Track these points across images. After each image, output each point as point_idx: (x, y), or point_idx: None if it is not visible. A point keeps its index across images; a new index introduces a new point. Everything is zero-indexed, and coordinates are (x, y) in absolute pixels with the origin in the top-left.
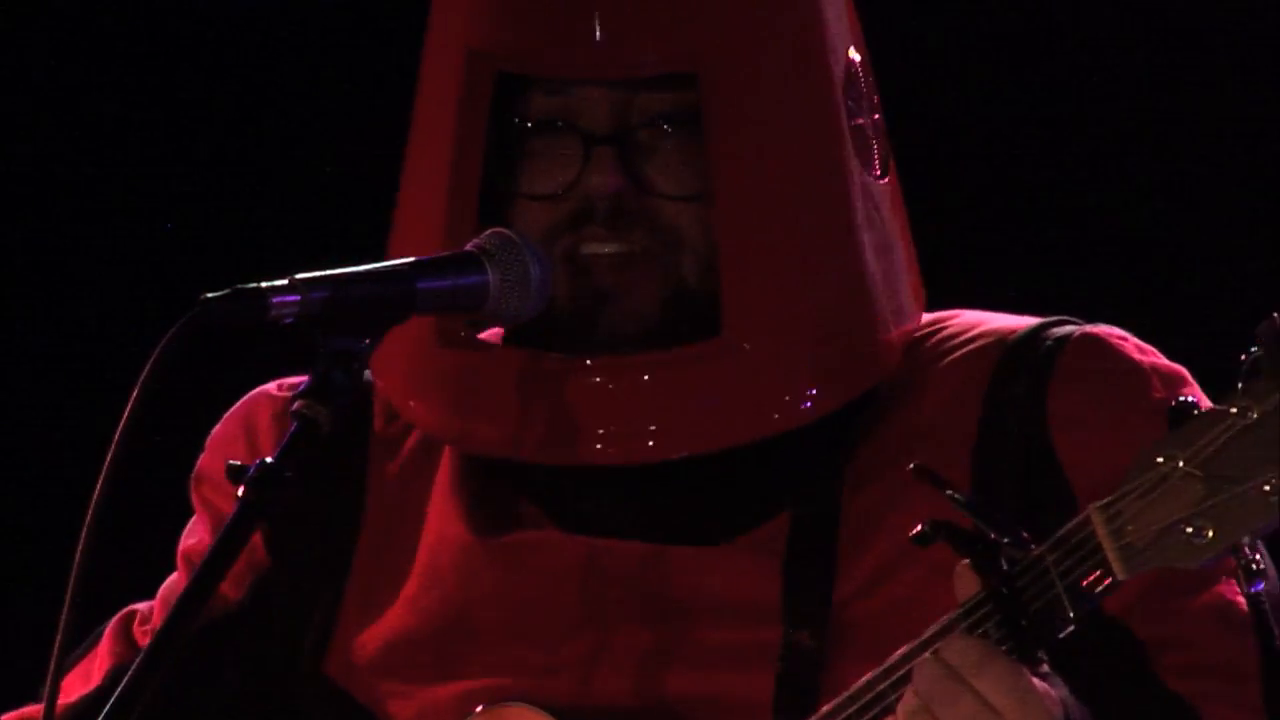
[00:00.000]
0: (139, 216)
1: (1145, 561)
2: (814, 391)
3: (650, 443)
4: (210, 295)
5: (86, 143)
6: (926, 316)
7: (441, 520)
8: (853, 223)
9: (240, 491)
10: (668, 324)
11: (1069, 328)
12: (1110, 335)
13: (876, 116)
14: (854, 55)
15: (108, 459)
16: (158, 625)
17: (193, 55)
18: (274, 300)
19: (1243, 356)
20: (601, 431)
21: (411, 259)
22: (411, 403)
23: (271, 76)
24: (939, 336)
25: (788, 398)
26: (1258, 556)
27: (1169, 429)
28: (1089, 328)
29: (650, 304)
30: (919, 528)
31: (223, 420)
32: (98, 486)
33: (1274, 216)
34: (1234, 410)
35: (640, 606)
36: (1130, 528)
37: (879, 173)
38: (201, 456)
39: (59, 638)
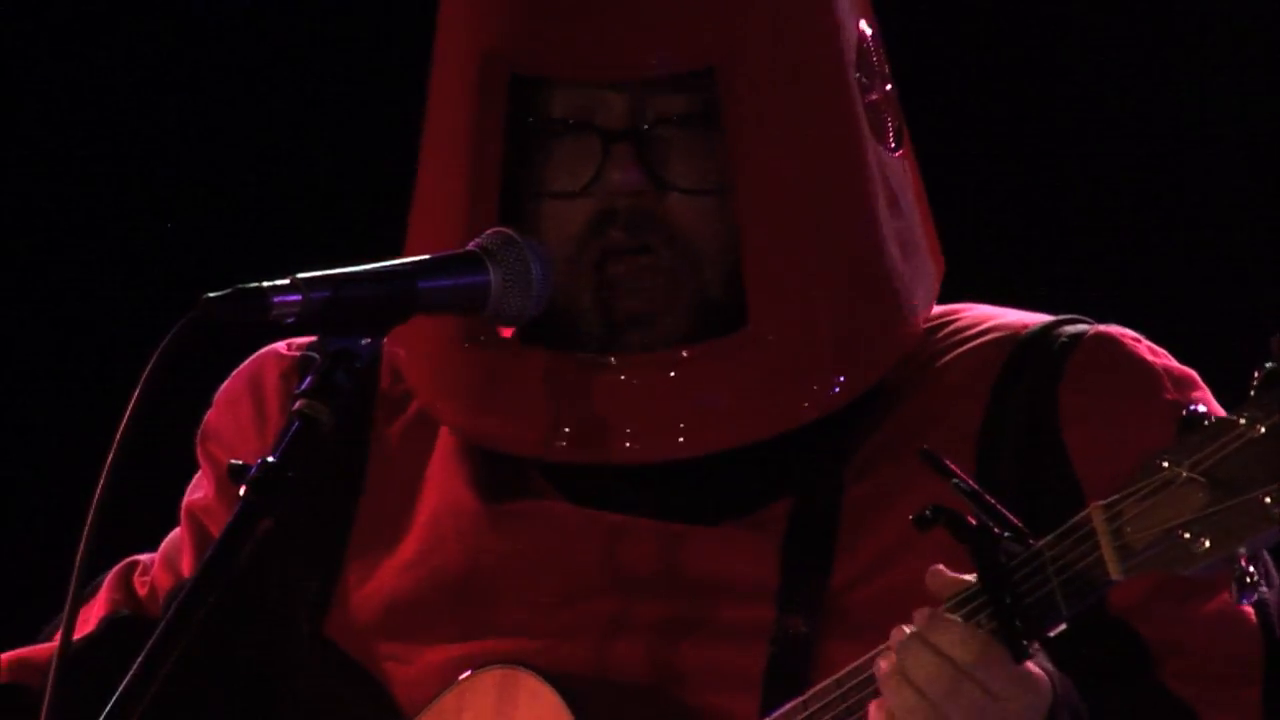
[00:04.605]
0: (139, 216)
1: (1141, 564)
2: (842, 378)
3: (680, 439)
4: (212, 295)
5: (87, 143)
6: (936, 309)
7: (444, 484)
8: (873, 207)
9: (242, 491)
10: (693, 326)
11: (1082, 326)
12: (1124, 336)
13: (888, 87)
14: (864, 28)
15: (109, 458)
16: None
17: (194, 54)
18: (275, 300)
19: (1255, 372)
20: (630, 430)
21: (413, 258)
22: (438, 402)
23: (273, 76)
24: (949, 329)
25: (816, 386)
26: (1251, 569)
27: (1178, 435)
28: (1103, 327)
29: (673, 313)
30: (922, 510)
31: (231, 377)
32: (99, 486)
33: None
34: (1242, 421)
35: (641, 579)
36: (1129, 529)
37: (893, 145)
38: (209, 412)
39: (62, 633)
